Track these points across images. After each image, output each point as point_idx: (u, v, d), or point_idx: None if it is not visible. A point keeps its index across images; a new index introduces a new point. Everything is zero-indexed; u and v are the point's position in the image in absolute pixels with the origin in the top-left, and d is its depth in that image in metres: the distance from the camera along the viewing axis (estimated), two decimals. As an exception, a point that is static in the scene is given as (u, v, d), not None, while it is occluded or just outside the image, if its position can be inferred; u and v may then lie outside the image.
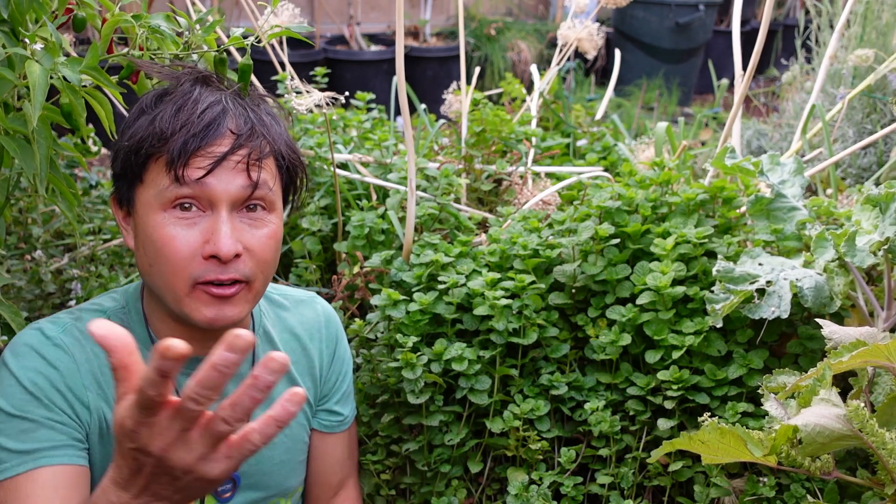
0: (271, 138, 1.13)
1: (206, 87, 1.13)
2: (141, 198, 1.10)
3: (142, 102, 1.13)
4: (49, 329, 1.14)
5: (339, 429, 1.40)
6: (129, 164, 1.09)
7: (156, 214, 1.08)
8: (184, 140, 1.06)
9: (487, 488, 1.55)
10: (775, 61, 6.15)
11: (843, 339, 1.25)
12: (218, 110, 1.09)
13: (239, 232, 1.09)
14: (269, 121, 1.15)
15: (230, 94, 1.13)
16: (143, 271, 1.12)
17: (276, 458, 1.28)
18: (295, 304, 1.36)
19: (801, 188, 1.60)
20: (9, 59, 1.09)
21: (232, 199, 1.08)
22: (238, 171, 1.08)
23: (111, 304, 1.20)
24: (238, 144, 1.08)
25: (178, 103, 1.09)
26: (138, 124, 1.10)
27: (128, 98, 1.35)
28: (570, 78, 5.38)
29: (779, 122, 3.17)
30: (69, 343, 1.13)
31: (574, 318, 1.60)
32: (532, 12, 6.96)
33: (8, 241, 1.93)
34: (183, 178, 1.06)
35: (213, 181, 1.07)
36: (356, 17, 5.83)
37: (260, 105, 1.16)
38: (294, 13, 1.80)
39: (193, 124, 1.07)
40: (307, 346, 1.34)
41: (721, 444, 1.19)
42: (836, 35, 2.16)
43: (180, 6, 4.40)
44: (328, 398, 1.37)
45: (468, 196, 2.10)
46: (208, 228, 1.07)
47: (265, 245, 1.12)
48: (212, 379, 0.77)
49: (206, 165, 1.06)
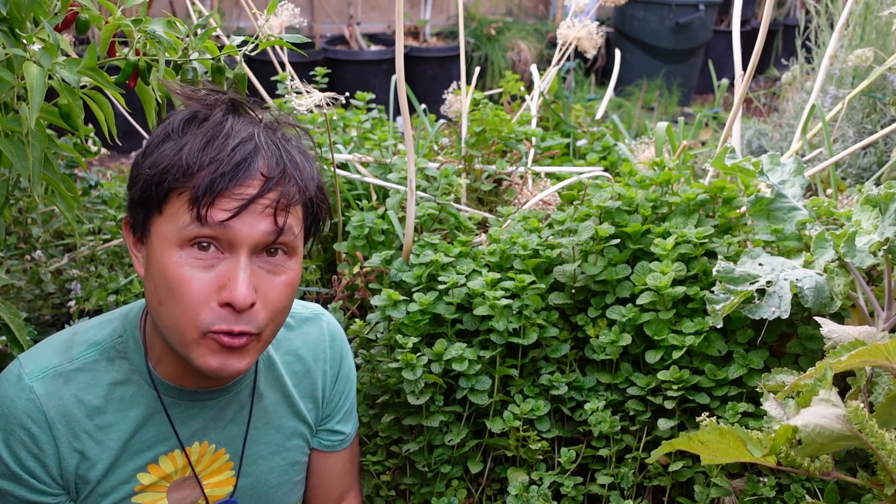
0: (303, 183, 1.06)
1: (238, 118, 1.06)
2: (158, 229, 1.03)
3: (168, 125, 1.05)
4: (26, 381, 1.10)
5: (340, 447, 1.37)
6: (149, 193, 1.02)
7: (171, 251, 1.01)
8: (211, 179, 0.99)
9: (487, 488, 1.55)
10: (775, 61, 6.15)
11: (843, 339, 1.25)
12: (250, 148, 1.02)
13: (257, 279, 1.03)
14: (300, 161, 1.07)
15: (263, 129, 1.06)
16: (151, 307, 1.07)
17: (272, 482, 1.28)
18: (300, 322, 1.31)
19: (801, 188, 1.59)
20: (8, 60, 1.09)
21: (254, 243, 1.02)
22: (265, 217, 1.01)
23: (107, 335, 1.15)
24: (268, 188, 1.01)
25: (209, 135, 1.02)
26: (163, 151, 1.02)
27: (127, 98, 1.35)
28: (570, 78, 5.37)
29: (779, 122, 3.17)
30: (43, 396, 1.09)
31: (574, 318, 1.59)
32: (532, 12, 6.96)
33: (8, 241, 1.93)
34: (206, 219, 0.99)
35: (237, 224, 1.00)
36: (356, 16, 5.83)
37: (291, 140, 1.09)
38: (294, 13, 1.80)
39: (223, 162, 0.99)
40: (311, 369, 1.30)
41: (720, 444, 1.18)
42: (836, 35, 2.16)
43: (180, 6, 4.37)
44: (330, 418, 1.35)
45: (468, 196, 2.10)
46: (225, 273, 1.01)
47: (281, 293, 1.06)
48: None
49: (233, 208, 0.99)
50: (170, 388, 1.15)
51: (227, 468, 1.22)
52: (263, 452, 1.25)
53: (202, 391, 1.17)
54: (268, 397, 1.25)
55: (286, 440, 1.28)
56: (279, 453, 1.27)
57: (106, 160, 4.37)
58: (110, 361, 1.13)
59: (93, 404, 1.11)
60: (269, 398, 1.25)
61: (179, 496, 1.19)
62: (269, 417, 1.25)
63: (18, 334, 1.28)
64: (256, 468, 1.25)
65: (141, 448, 1.14)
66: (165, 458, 1.17)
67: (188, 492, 1.19)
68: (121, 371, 1.13)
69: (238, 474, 1.23)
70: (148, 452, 1.15)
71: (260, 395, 1.24)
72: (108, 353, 1.13)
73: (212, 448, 1.20)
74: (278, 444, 1.27)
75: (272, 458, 1.27)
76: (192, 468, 1.19)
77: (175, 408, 1.16)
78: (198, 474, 1.19)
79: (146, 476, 1.15)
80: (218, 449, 1.21)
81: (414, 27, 5.99)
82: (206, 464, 1.20)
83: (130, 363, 1.14)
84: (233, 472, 1.23)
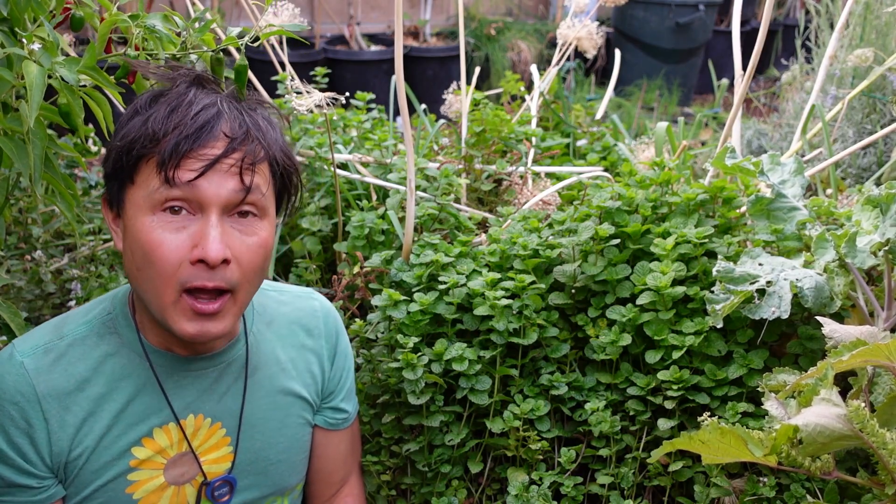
0: (266, 143, 1.11)
1: (202, 89, 1.12)
2: (131, 199, 1.08)
3: (136, 103, 1.11)
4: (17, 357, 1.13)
5: (343, 426, 1.39)
6: (120, 164, 1.08)
7: (144, 217, 1.06)
8: (176, 141, 1.04)
9: (487, 488, 1.55)
10: (775, 61, 6.15)
11: (844, 339, 1.25)
12: (212, 112, 1.07)
13: (228, 237, 1.07)
14: (264, 125, 1.13)
15: (226, 97, 1.12)
16: (130, 275, 1.11)
17: (272, 458, 1.28)
18: (293, 299, 1.35)
19: (801, 188, 1.59)
20: (7, 58, 1.09)
21: (223, 203, 1.06)
22: (230, 175, 1.06)
23: (97, 313, 1.18)
24: (232, 148, 1.06)
25: (172, 104, 1.07)
26: (131, 125, 1.08)
27: (127, 98, 1.35)
28: (570, 78, 5.37)
29: (779, 122, 3.17)
30: (33, 371, 1.12)
31: (574, 318, 1.59)
32: (532, 12, 6.96)
33: (8, 241, 1.93)
34: (174, 180, 1.04)
35: (204, 184, 1.05)
36: (356, 17, 5.83)
37: (256, 109, 1.15)
38: (294, 13, 1.80)
39: (186, 126, 1.05)
40: (306, 343, 1.33)
41: (721, 444, 1.18)
42: (836, 35, 2.16)
43: (180, 6, 4.38)
44: (333, 395, 1.37)
45: (468, 196, 2.10)
46: (197, 233, 1.05)
47: (254, 253, 1.10)
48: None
49: (198, 168, 1.04)
50: (161, 354, 1.17)
51: (225, 444, 1.23)
52: (260, 427, 1.26)
53: (192, 358, 1.19)
54: (263, 371, 1.26)
55: (284, 416, 1.29)
56: (277, 429, 1.28)
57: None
58: (100, 336, 1.16)
59: (83, 376, 1.13)
60: (265, 372, 1.26)
61: (177, 473, 1.19)
62: (265, 391, 1.26)
63: (19, 334, 1.28)
64: (254, 443, 1.25)
65: (134, 420, 1.15)
66: (160, 431, 1.17)
67: (186, 468, 1.20)
68: (111, 345, 1.16)
69: (236, 450, 1.23)
70: (141, 425, 1.16)
71: (254, 368, 1.25)
72: (97, 328, 1.16)
73: (207, 422, 1.21)
74: (276, 418, 1.28)
75: (270, 433, 1.27)
76: (188, 441, 1.19)
77: (167, 378, 1.17)
78: (194, 449, 1.20)
79: (141, 450, 1.16)
80: (214, 423, 1.21)
81: (414, 27, 5.99)
82: (203, 438, 1.21)
83: (120, 338, 1.16)
84: (230, 448, 1.23)
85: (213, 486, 1.21)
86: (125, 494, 1.16)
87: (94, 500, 1.15)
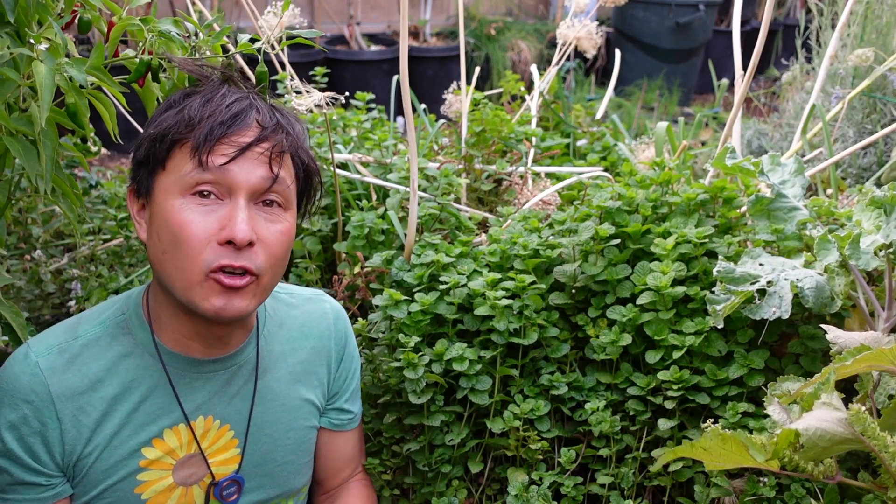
0: (294, 137, 1.17)
1: (234, 86, 1.18)
2: (160, 184, 1.11)
3: (170, 99, 1.16)
4: (32, 358, 1.14)
5: (349, 426, 1.41)
6: (153, 150, 1.11)
7: (174, 199, 1.09)
8: (210, 127, 1.08)
9: (487, 488, 1.55)
10: (775, 61, 6.15)
11: (848, 344, 1.24)
12: (245, 104, 1.13)
13: (255, 222, 1.10)
14: (292, 121, 1.19)
15: (256, 93, 1.18)
16: (154, 260, 1.12)
17: (279, 460, 1.29)
18: (303, 302, 1.36)
19: (801, 188, 1.59)
20: (14, 60, 1.09)
21: (251, 188, 1.10)
22: (260, 163, 1.10)
23: (111, 314, 1.20)
24: (263, 136, 1.11)
25: (207, 96, 1.13)
26: (165, 115, 1.13)
27: (130, 99, 1.35)
28: (570, 78, 5.37)
29: (779, 122, 3.17)
30: (47, 371, 1.12)
31: (574, 318, 1.60)
32: (532, 12, 6.96)
33: (8, 241, 1.93)
34: (206, 164, 1.07)
35: (234, 169, 1.08)
36: (356, 17, 5.83)
37: (282, 110, 1.20)
38: (294, 13, 1.79)
39: (221, 113, 1.10)
40: (316, 346, 1.34)
41: (723, 450, 1.18)
42: (837, 35, 2.16)
43: (180, 6, 4.38)
44: (338, 396, 1.38)
45: (468, 196, 2.10)
46: (225, 216, 1.08)
47: (278, 240, 1.13)
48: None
49: (230, 153, 1.08)
50: (174, 356, 1.18)
51: (232, 446, 1.24)
52: (268, 429, 1.27)
53: (206, 361, 1.20)
54: (272, 373, 1.27)
55: (292, 419, 1.30)
56: (285, 431, 1.29)
57: (106, 160, 4.37)
58: (114, 337, 1.17)
59: (97, 377, 1.14)
60: (274, 374, 1.28)
61: (185, 473, 1.20)
62: (274, 394, 1.27)
63: (21, 333, 1.28)
64: (262, 445, 1.26)
65: (145, 421, 1.16)
66: (170, 432, 1.18)
67: (194, 469, 1.21)
68: (125, 345, 1.17)
69: (243, 451, 1.25)
70: (152, 426, 1.17)
71: (264, 370, 1.26)
72: (111, 329, 1.17)
73: (216, 424, 1.22)
74: (284, 421, 1.29)
75: (278, 435, 1.28)
76: (198, 443, 1.20)
77: (179, 379, 1.18)
78: (203, 451, 1.21)
79: (151, 451, 1.17)
80: (223, 425, 1.22)
81: (414, 27, 5.98)
82: (212, 440, 1.22)
83: (134, 338, 1.17)
84: (237, 451, 1.24)
85: (222, 486, 1.23)
86: (133, 494, 1.16)
87: (103, 499, 1.16)
